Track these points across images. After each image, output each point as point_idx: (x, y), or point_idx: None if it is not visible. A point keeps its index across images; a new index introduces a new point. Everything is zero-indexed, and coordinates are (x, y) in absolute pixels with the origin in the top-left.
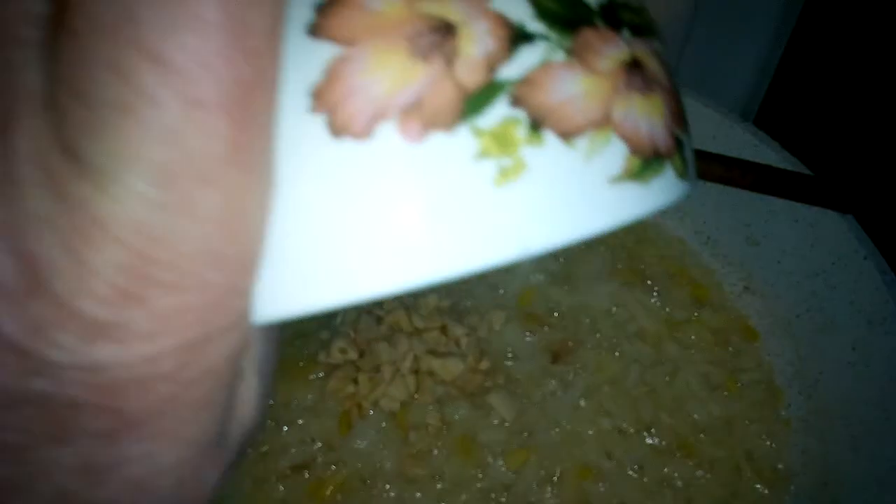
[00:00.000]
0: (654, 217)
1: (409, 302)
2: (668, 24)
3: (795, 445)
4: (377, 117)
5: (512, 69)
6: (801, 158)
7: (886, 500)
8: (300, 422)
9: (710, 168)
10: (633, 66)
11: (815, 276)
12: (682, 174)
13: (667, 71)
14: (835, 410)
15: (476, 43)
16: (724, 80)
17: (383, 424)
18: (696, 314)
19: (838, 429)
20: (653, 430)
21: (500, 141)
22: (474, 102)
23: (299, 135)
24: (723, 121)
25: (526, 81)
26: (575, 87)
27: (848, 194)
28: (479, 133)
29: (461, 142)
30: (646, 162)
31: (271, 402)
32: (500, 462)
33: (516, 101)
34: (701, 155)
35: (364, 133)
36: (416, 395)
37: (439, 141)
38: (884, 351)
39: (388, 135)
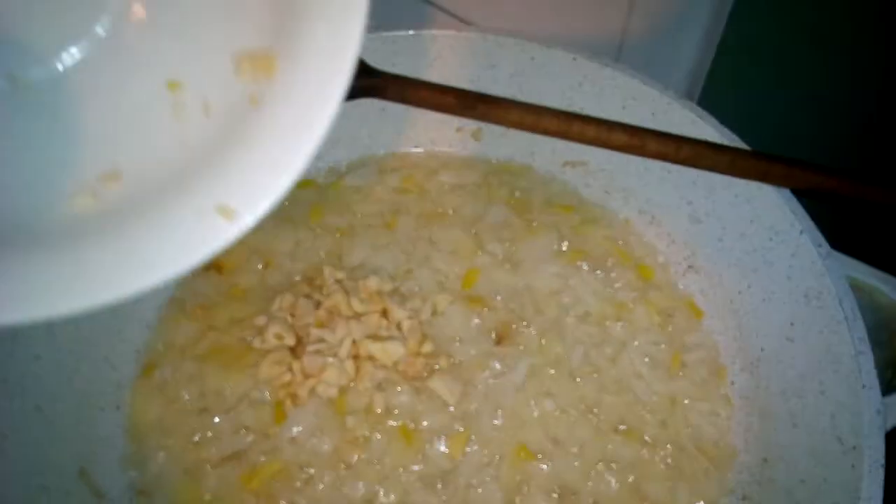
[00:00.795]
0: (599, 198)
1: (349, 286)
2: (609, 5)
3: (738, 423)
4: None
5: None
6: (745, 137)
7: (818, 473)
8: (233, 412)
9: (645, 144)
10: None
11: (755, 252)
12: None
13: None
14: (775, 386)
15: None
16: (667, 61)
17: (321, 411)
18: (641, 294)
19: (778, 404)
20: (596, 411)
21: None
22: None
23: None
24: (660, 98)
25: None
26: None
27: (784, 167)
28: None
29: None
30: None
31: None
32: (442, 446)
33: None
34: (635, 131)
35: None
36: (354, 381)
37: None
38: (819, 324)
39: None
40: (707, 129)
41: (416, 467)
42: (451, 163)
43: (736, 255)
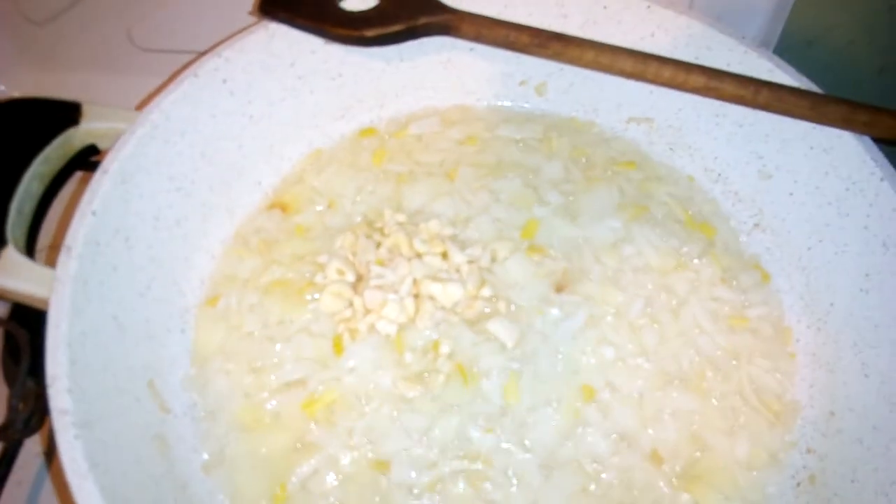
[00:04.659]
0: (663, 155)
1: (410, 228)
2: None
3: (803, 379)
4: None
5: None
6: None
7: (894, 419)
8: (294, 341)
9: (723, 86)
10: None
11: (828, 205)
12: None
13: None
14: (845, 340)
15: None
16: (742, 9)
17: (379, 346)
18: (704, 251)
19: (848, 357)
20: (656, 361)
21: None
22: None
23: None
24: (737, 47)
25: None
26: None
27: (869, 113)
28: None
29: None
30: None
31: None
32: (498, 386)
33: None
34: (713, 73)
35: None
36: (413, 319)
37: None
38: None
39: None
40: (785, 77)
41: (472, 404)
42: (514, 117)
43: (808, 209)
